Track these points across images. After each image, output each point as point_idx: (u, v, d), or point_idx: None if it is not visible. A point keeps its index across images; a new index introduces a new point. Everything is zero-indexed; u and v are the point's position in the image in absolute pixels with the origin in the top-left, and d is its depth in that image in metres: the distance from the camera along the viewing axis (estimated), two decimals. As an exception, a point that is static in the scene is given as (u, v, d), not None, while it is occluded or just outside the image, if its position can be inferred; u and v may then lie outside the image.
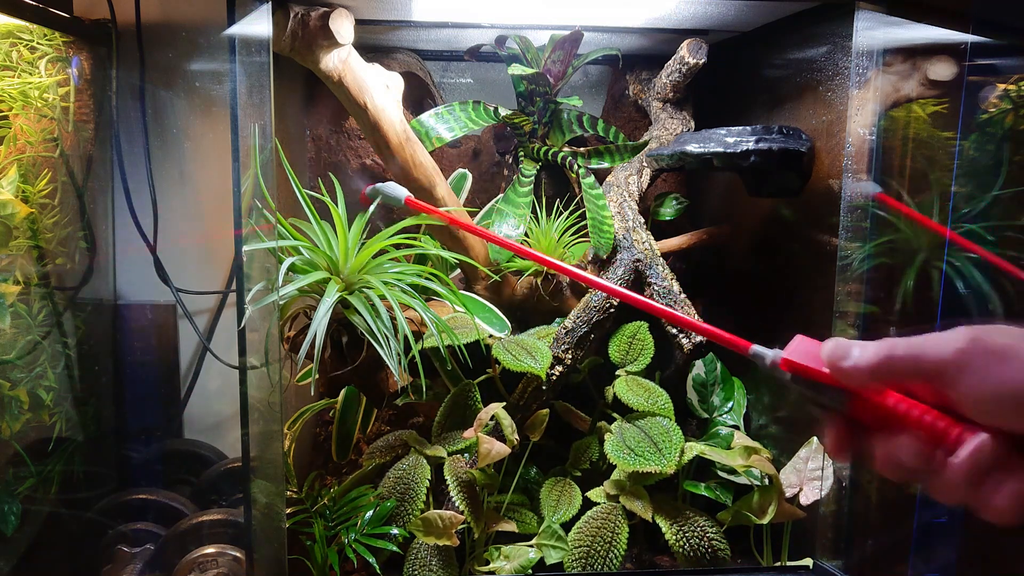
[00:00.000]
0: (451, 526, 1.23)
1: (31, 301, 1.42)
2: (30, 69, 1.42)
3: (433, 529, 1.24)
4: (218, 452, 1.68)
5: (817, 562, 1.36)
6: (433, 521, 1.24)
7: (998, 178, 1.26)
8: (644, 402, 1.41)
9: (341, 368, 1.28)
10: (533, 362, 1.35)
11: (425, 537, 1.24)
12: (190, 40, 1.61)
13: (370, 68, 1.36)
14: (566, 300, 1.59)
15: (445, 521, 1.24)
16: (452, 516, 1.24)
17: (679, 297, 1.46)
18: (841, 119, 1.33)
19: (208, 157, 1.67)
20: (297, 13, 1.22)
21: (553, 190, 1.73)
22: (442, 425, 1.43)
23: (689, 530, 1.32)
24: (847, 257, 1.33)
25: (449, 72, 1.87)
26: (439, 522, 1.24)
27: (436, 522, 1.24)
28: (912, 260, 1.30)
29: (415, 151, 1.42)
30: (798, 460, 1.39)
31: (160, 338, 1.68)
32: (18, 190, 1.38)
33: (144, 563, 1.39)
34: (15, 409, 1.39)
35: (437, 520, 1.24)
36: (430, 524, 1.25)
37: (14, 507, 1.38)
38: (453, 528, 1.23)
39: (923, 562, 1.29)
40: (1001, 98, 1.25)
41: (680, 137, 1.52)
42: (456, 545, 1.23)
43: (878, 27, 1.26)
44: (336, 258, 1.21)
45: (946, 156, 1.27)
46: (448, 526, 1.23)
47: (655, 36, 1.64)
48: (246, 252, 1.07)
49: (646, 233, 1.55)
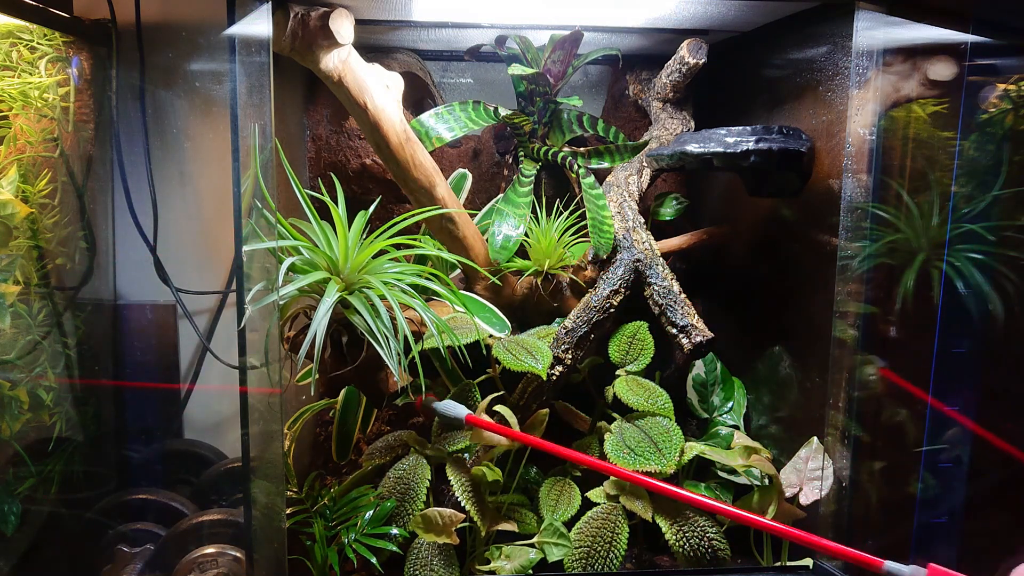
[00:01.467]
0: (451, 524, 1.23)
1: (31, 301, 1.42)
2: (30, 69, 1.42)
3: (433, 526, 1.24)
4: (218, 452, 1.68)
5: (817, 562, 1.36)
6: (433, 519, 1.25)
7: (998, 178, 1.26)
8: (644, 402, 1.41)
9: (341, 368, 1.28)
10: (533, 362, 1.35)
11: (425, 535, 1.24)
12: (190, 40, 1.61)
13: (370, 68, 1.36)
14: (566, 300, 1.59)
15: (445, 519, 1.24)
16: (452, 514, 1.24)
17: (679, 297, 1.46)
18: (841, 119, 1.33)
19: (208, 157, 1.67)
20: (297, 13, 1.22)
21: (553, 190, 1.73)
22: (442, 425, 1.42)
23: (689, 530, 1.32)
24: (847, 257, 1.33)
25: (449, 72, 1.87)
26: (439, 519, 1.24)
27: (436, 519, 1.24)
28: (912, 260, 1.30)
29: (415, 151, 1.41)
30: (798, 460, 1.39)
31: (160, 338, 1.68)
32: (18, 190, 1.38)
33: (144, 563, 1.39)
34: (15, 409, 1.39)
35: (437, 517, 1.24)
36: (430, 521, 1.25)
37: (14, 507, 1.38)
38: (453, 526, 1.23)
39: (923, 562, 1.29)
40: (1001, 98, 1.25)
41: (680, 137, 1.52)
42: (456, 543, 1.23)
43: (878, 27, 1.26)
44: (336, 258, 1.21)
45: (946, 156, 1.27)
46: (448, 523, 1.23)
47: (655, 36, 1.64)
48: (246, 252, 1.07)
49: (646, 233, 1.55)
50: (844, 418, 1.35)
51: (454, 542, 1.23)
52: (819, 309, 1.39)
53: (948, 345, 1.26)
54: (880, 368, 1.32)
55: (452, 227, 1.49)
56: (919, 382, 1.29)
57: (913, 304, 1.29)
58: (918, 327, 1.29)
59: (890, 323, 1.32)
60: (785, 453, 1.47)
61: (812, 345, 1.44)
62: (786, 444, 1.50)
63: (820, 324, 1.38)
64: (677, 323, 1.44)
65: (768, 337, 1.58)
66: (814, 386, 1.43)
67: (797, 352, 1.50)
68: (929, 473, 1.30)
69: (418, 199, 1.46)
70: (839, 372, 1.35)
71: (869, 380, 1.33)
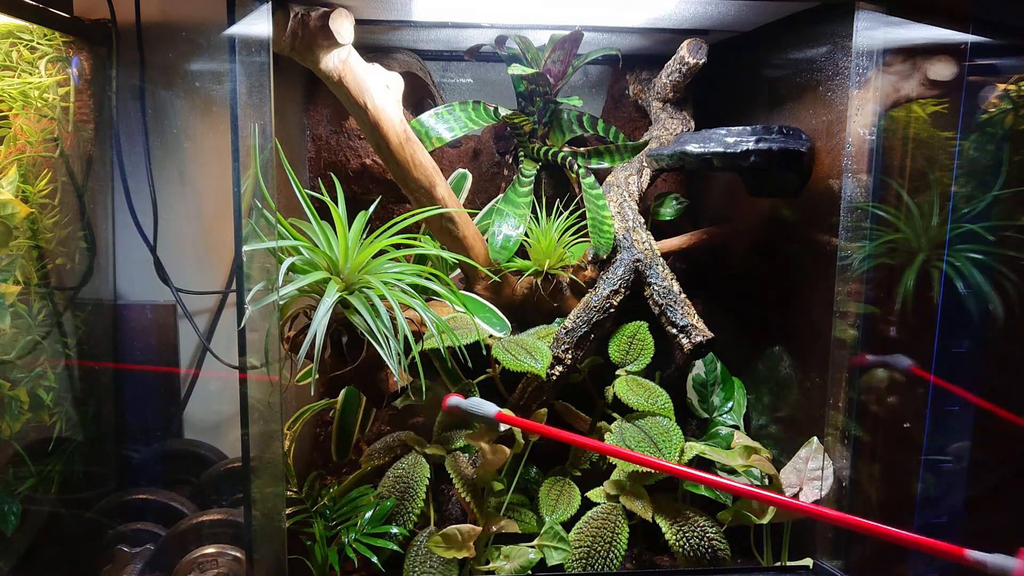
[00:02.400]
0: (469, 538, 1.23)
1: (31, 301, 1.41)
2: (30, 69, 1.42)
3: (454, 543, 1.24)
4: (218, 452, 1.68)
5: (817, 562, 1.36)
6: (453, 536, 1.24)
7: (998, 178, 1.26)
8: (644, 402, 1.41)
9: (341, 368, 1.28)
10: (533, 362, 1.35)
11: (445, 552, 1.23)
12: (190, 40, 1.61)
13: (370, 68, 1.36)
14: (566, 300, 1.59)
15: (464, 534, 1.24)
16: (471, 529, 1.24)
17: (679, 297, 1.46)
18: (841, 119, 1.33)
19: (208, 157, 1.67)
20: (297, 13, 1.22)
21: (553, 190, 1.73)
22: (442, 425, 1.43)
23: (689, 530, 1.32)
24: (847, 257, 1.33)
25: (449, 72, 1.87)
26: (459, 536, 1.24)
27: (456, 536, 1.24)
28: (912, 260, 1.30)
29: (415, 151, 1.41)
30: (798, 460, 1.39)
31: (160, 338, 1.68)
32: (18, 190, 1.38)
33: (144, 563, 1.39)
34: (15, 409, 1.39)
35: (457, 535, 1.24)
36: (450, 539, 1.24)
37: (14, 507, 1.38)
38: (471, 540, 1.23)
39: (923, 562, 1.29)
40: (1001, 98, 1.25)
41: (680, 137, 1.52)
42: (473, 556, 1.23)
43: (878, 27, 1.26)
44: (336, 258, 1.21)
45: (946, 156, 1.27)
46: (467, 538, 1.23)
47: (655, 36, 1.64)
48: (246, 252, 1.07)
49: (646, 233, 1.55)
50: (844, 418, 1.35)
51: (472, 555, 1.23)
52: (819, 309, 1.39)
53: (948, 345, 1.26)
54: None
55: (452, 227, 1.49)
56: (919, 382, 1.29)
57: (913, 304, 1.29)
58: (918, 327, 1.29)
59: (890, 323, 1.32)
60: (785, 453, 1.47)
61: (812, 345, 1.44)
62: (786, 444, 1.50)
63: (820, 324, 1.38)
64: (677, 323, 1.44)
65: (768, 337, 1.58)
66: (814, 386, 1.43)
67: (797, 352, 1.50)
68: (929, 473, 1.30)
69: (418, 199, 1.46)
70: (839, 372, 1.35)
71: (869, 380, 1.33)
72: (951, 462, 1.29)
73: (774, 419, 1.57)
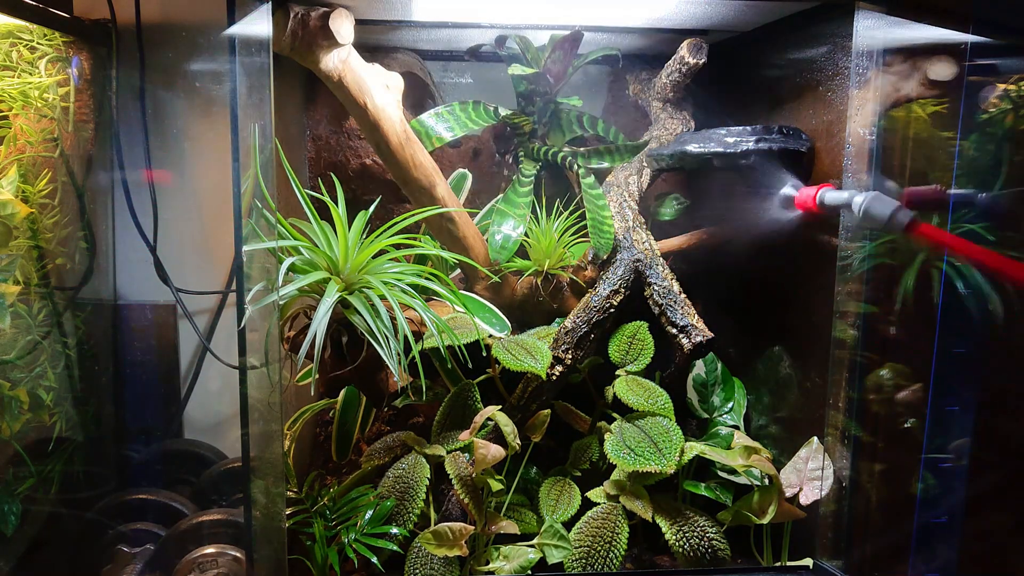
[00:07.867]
0: (461, 536, 1.23)
1: (31, 301, 1.42)
2: (30, 69, 1.42)
3: (445, 541, 1.24)
4: (218, 452, 1.68)
5: (817, 562, 1.36)
6: (444, 533, 1.24)
7: (998, 178, 1.26)
8: (644, 402, 1.41)
9: (341, 368, 1.28)
10: (533, 362, 1.35)
11: (437, 549, 1.23)
12: (190, 40, 1.61)
13: (370, 68, 1.37)
14: (566, 300, 1.59)
15: (455, 532, 1.23)
16: (462, 527, 1.24)
17: (679, 297, 1.46)
18: (841, 119, 1.33)
19: (208, 157, 1.67)
20: (297, 13, 1.22)
21: (553, 190, 1.73)
22: (442, 425, 1.43)
23: (689, 530, 1.32)
24: (847, 257, 1.33)
25: (449, 72, 1.87)
26: (449, 534, 1.24)
27: (447, 534, 1.24)
28: (912, 260, 1.30)
29: (415, 151, 1.42)
30: (798, 460, 1.39)
31: (160, 338, 1.68)
32: (18, 190, 1.38)
33: (144, 563, 1.39)
34: (15, 409, 1.39)
35: (447, 532, 1.24)
36: (441, 536, 1.24)
37: (14, 507, 1.38)
38: (463, 538, 1.23)
39: (923, 562, 1.29)
40: (1001, 98, 1.25)
41: (680, 137, 1.52)
42: (466, 555, 1.23)
43: (878, 27, 1.26)
44: (336, 258, 1.21)
45: (946, 156, 1.27)
46: (459, 536, 1.23)
47: (655, 36, 1.64)
48: (246, 252, 1.07)
49: (646, 233, 1.55)
50: (844, 418, 1.35)
51: (464, 554, 1.22)
52: (819, 309, 1.39)
53: (948, 345, 1.26)
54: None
55: (452, 227, 1.49)
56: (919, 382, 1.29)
57: (913, 304, 1.29)
58: (918, 327, 1.29)
59: (890, 323, 1.32)
60: (785, 453, 1.47)
61: (812, 345, 1.44)
62: (786, 444, 1.50)
63: (820, 324, 1.38)
64: (677, 323, 1.44)
65: (768, 337, 1.58)
66: (814, 386, 1.43)
67: (797, 352, 1.50)
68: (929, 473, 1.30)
69: (418, 199, 1.46)
70: (839, 372, 1.35)
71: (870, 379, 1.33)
72: (951, 462, 1.29)
73: (774, 419, 1.57)
